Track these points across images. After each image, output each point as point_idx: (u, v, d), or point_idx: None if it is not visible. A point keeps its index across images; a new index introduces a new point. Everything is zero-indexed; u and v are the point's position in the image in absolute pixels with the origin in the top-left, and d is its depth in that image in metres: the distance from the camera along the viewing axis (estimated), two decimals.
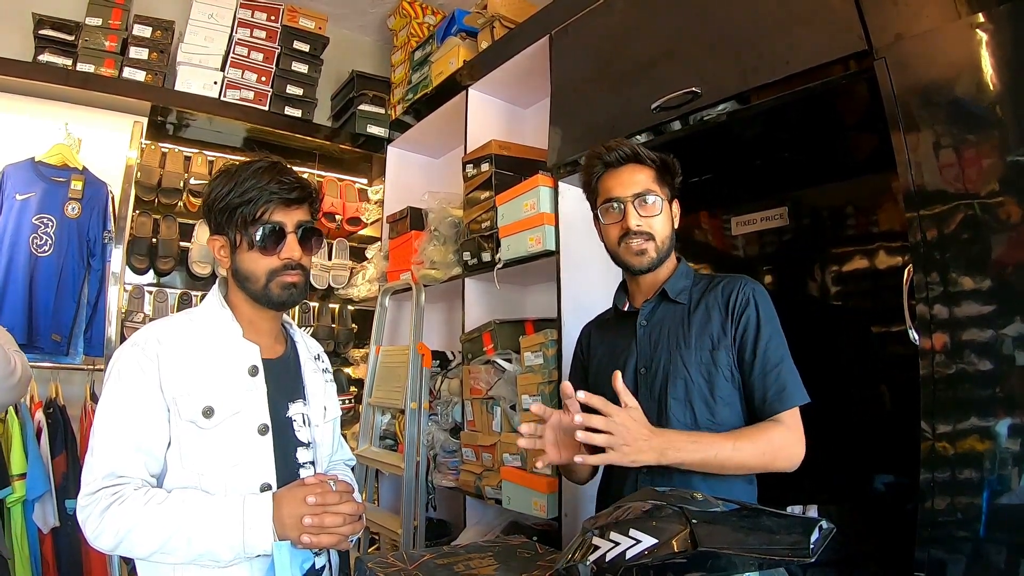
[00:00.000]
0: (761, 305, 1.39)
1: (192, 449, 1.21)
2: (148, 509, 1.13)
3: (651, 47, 1.93)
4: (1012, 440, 1.16)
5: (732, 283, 1.44)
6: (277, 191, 1.28)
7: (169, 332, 1.28)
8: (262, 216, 1.28)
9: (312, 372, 1.44)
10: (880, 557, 1.69)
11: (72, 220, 3.01)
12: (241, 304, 1.35)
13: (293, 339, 1.47)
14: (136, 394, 1.20)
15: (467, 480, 2.54)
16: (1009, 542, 1.16)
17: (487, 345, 2.52)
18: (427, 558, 1.36)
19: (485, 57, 2.85)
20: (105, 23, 3.24)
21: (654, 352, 1.46)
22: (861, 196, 1.93)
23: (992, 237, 1.21)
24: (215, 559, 1.16)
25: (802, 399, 1.34)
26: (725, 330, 1.40)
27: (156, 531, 1.12)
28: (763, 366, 1.35)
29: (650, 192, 1.45)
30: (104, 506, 1.13)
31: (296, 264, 1.31)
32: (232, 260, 1.33)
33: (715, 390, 1.38)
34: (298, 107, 3.71)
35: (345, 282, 3.86)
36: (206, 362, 1.26)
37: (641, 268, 1.47)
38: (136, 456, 1.18)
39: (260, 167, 1.30)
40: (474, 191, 2.67)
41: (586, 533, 0.99)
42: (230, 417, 1.24)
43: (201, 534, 1.13)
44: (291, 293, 1.32)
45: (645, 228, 1.45)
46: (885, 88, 1.36)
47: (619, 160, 1.48)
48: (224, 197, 1.29)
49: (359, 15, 4.15)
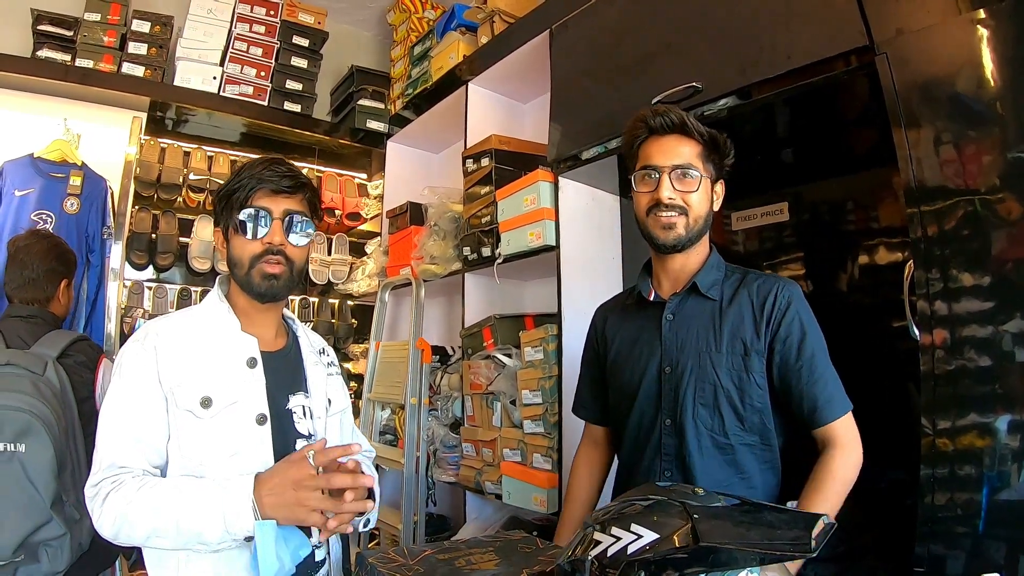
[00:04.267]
0: (803, 311, 1.35)
1: (191, 439, 1.22)
2: (141, 494, 1.14)
3: (651, 42, 1.93)
4: (1012, 436, 1.16)
5: (768, 284, 1.39)
6: (265, 178, 1.30)
7: (167, 326, 1.30)
8: (249, 200, 1.29)
9: (313, 365, 1.44)
10: (880, 552, 1.70)
11: (71, 216, 3.00)
12: (239, 297, 1.36)
13: (295, 333, 1.47)
14: (135, 387, 1.22)
15: (467, 475, 2.54)
16: (1008, 538, 1.16)
17: (487, 340, 2.52)
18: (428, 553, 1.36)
19: (485, 52, 2.84)
20: (104, 18, 3.23)
21: (680, 352, 1.40)
22: (861, 192, 1.93)
23: (992, 233, 1.21)
24: (203, 542, 1.14)
25: (847, 407, 1.31)
26: (759, 334, 1.34)
27: (148, 514, 1.13)
28: (810, 375, 1.31)
29: (691, 167, 1.37)
30: (104, 494, 1.14)
31: (278, 250, 1.30)
32: (227, 249, 1.35)
33: (746, 397, 1.34)
34: (297, 102, 3.70)
35: (345, 277, 3.86)
36: (204, 354, 1.27)
37: (667, 243, 1.39)
38: (136, 447, 1.20)
39: (258, 160, 1.34)
40: (474, 186, 2.67)
41: (587, 528, 0.99)
42: (228, 407, 1.25)
43: (188, 516, 1.12)
44: (271, 284, 1.31)
45: (678, 202, 1.37)
46: (886, 83, 1.36)
47: (665, 127, 1.39)
48: (224, 188, 1.33)
49: (358, 10, 4.14)
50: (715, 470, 1.35)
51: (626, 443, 1.52)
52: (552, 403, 2.15)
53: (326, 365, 1.49)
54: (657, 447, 1.42)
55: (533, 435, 2.21)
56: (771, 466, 1.38)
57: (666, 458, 1.40)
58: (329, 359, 1.53)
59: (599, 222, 2.42)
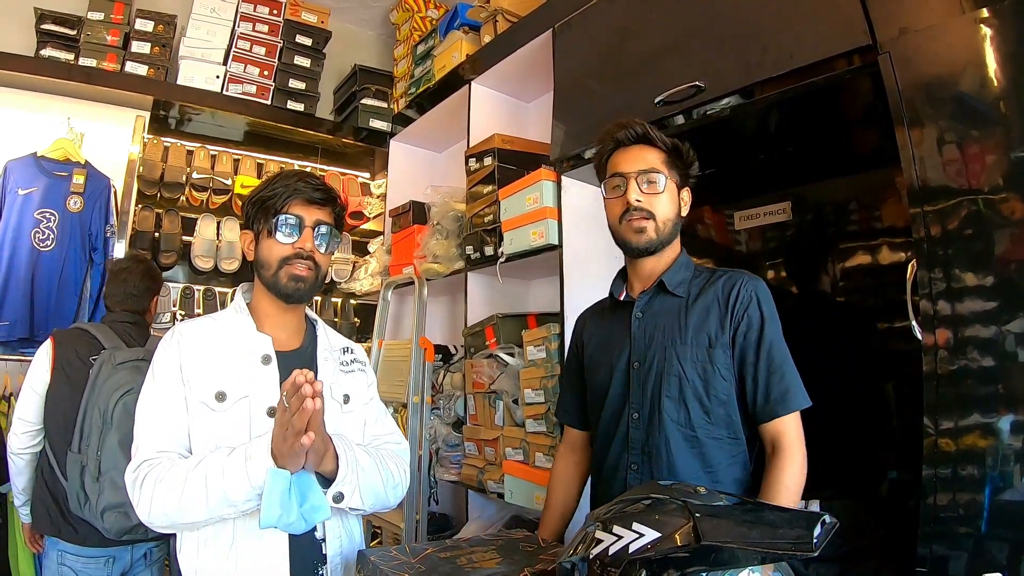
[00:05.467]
0: (764, 304, 1.38)
1: (206, 429, 1.30)
2: (175, 467, 1.23)
3: (654, 41, 1.93)
4: (1014, 437, 1.16)
5: (733, 278, 1.42)
6: (300, 188, 1.39)
7: (191, 327, 1.41)
8: (284, 208, 1.38)
9: (324, 361, 1.47)
10: (882, 552, 1.70)
11: (74, 214, 3.01)
12: (262, 299, 1.45)
13: (315, 333, 1.53)
14: (165, 382, 1.33)
15: (469, 474, 2.55)
16: (1011, 538, 1.16)
17: (490, 339, 2.53)
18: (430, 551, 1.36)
19: (488, 51, 2.84)
20: (107, 17, 3.24)
21: (648, 346, 1.44)
22: (864, 191, 1.93)
23: (996, 233, 1.21)
24: (231, 503, 1.19)
25: (804, 402, 1.33)
26: (724, 327, 1.38)
27: (179, 481, 1.20)
28: (767, 367, 1.33)
29: (655, 171, 1.44)
30: (143, 476, 1.23)
31: (307, 255, 1.38)
32: (256, 251, 1.43)
33: (711, 389, 1.36)
34: (300, 101, 3.71)
35: (347, 276, 3.86)
36: (221, 352, 1.37)
37: (639, 247, 1.45)
38: (170, 433, 1.30)
39: (292, 171, 1.45)
40: (477, 185, 2.67)
41: (589, 527, 0.99)
42: (240, 400, 1.33)
43: (215, 475, 1.19)
44: (298, 287, 1.39)
45: (645, 205, 1.43)
46: (889, 83, 1.36)
47: (629, 139, 1.48)
48: (258, 194, 1.42)
49: (362, 9, 4.15)
50: (681, 463, 1.36)
51: (597, 438, 1.54)
52: (554, 402, 2.15)
53: (348, 363, 1.55)
54: (624, 440, 1.44)
55: (535, 434, 2.21)
56: (739, 460, 1.39)
57: (633, 451, 1.42)
58: (353, 356, 1.58)
59: (602, 221, 2.37)
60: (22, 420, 2.07)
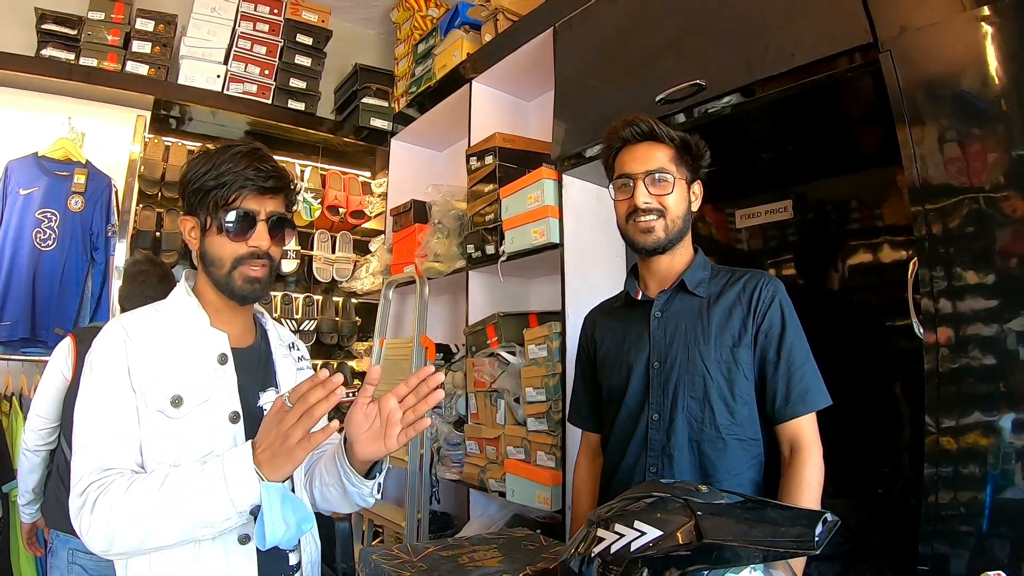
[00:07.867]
0: (785, 304, 1.38)
1: (162, 439, 1.16)
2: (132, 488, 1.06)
3: (655, 39, 1.93)
4: (1016, 435, 1.16)
5: (755, 279, 1.42)
6: (252, 177, 1.23)
7: (135, 322, 1.24)
8: (234, 201, 1.23)
9: (283, 358, 1.39)
10: (884, 550, 1.69)
11: (75, 214, 3.01)
12: (208, 292, 1.30)
13: (264, 328, 1.42)
14: (110, 384, 1.16)
15: (471, 473, 2.55)
16: (1012, 536, 1.16)
17: (491, 338, 2.53)
18: (432, 550, 1.37)
19: (489, 50, 2.84)
20: (108, 17, 3.24)
21: (669, 347, 1.42)
22: (866, 189, 1.92)
23: (997, 231, 1.21)
24: (207, 524, 1.07)
25: (824, 402, 1.33)
26: (747, 327, 1.37)
27: (141, 508, 1.05)
28: (788, 367, 1.33)
29: (664, 170, 1.42)
30: (92, 501, 1.06)
31: (263, 254, 1.26)
32: (201, 243, 1.27)
33: (735, 388, 1.36)
34: (301, 100, 3.71)
35: (349, 275, 3.86)
36: (173, 351, 1.21)
37: (647, 247, 1.44)
38: (121, 444, 1.14)
39: (239, 151, 1.25)
40: (478, 184, 2.67)
41: (591, 525, 0.99)
42: (199, 405, 1.19)
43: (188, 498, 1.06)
44: (254, 288, 1.26)
45: (654, 205, 1.41)
46: (890, 81, 1.36)
47: (635, 136, 1.45)
48: (200, 178, 1.24)
49: (362, 8, 4.15)
50: (704, 465, 1.36)
51: (612, 440, 1.52)
52: (556, 401, 2.15)
53: (296, 360, 1.45)
54: (643, 442, 1.43)
55: (537, 433, 2.21)
56: (757, 462, 1.39)
57: (652, 453, 1.41)
58: (299, 353, 1.48)
59: (603, 220, 2.41)
60: (38, 416, 2.07)
